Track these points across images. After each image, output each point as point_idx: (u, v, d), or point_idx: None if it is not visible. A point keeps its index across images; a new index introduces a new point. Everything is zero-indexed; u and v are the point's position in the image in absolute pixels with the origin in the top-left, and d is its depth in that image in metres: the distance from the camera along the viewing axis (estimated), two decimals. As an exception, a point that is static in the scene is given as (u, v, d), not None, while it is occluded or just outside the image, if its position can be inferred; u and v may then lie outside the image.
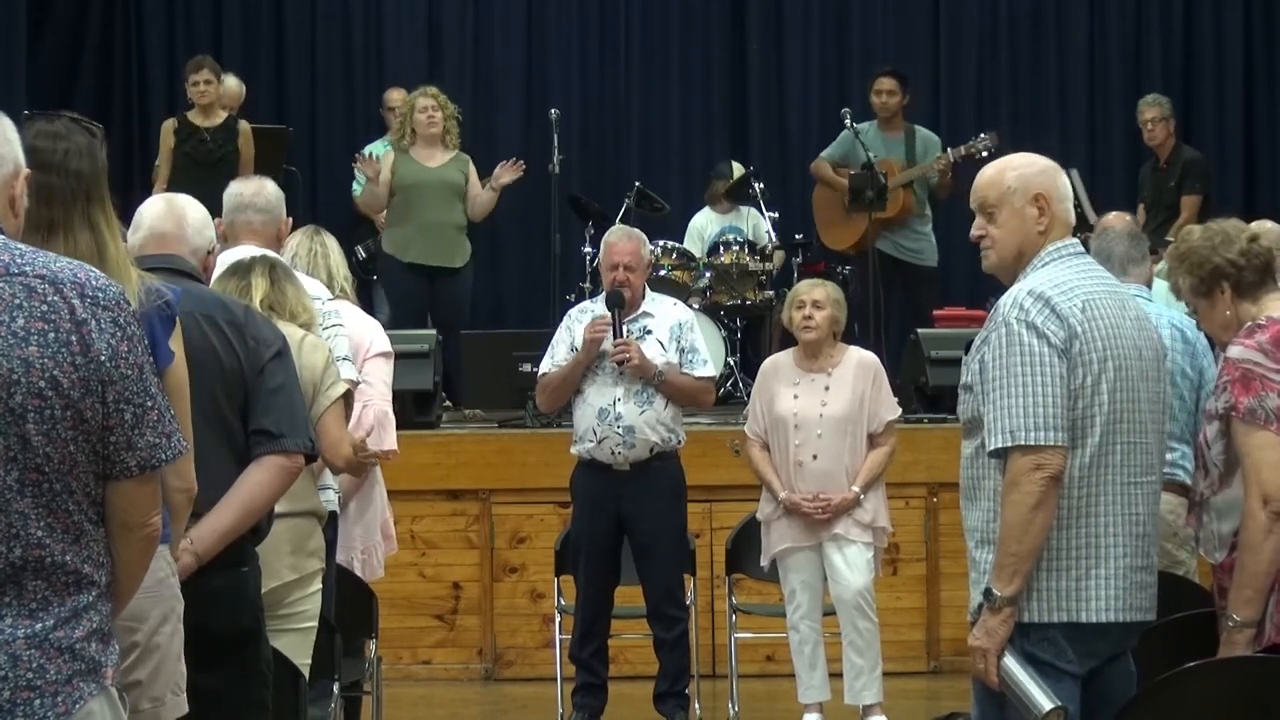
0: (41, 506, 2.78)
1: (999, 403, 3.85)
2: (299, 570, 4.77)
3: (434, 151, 9.70)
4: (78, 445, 2.80)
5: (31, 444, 2.76)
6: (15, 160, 2.95)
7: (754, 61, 12.41)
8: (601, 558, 7.01)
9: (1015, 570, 3.83)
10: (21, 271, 2.80)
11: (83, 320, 2.79)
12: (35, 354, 2.76)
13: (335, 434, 4.91)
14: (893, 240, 10.25)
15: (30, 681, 2.76)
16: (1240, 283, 4.50)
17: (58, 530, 2.80)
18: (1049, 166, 4.09)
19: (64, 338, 2.77)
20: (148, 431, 2.85)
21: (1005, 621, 3.85)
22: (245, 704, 4.08)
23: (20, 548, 2.77)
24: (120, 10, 12.11)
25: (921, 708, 7.70)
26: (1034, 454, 3.81)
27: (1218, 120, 12.28)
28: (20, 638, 2.76)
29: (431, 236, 9.69)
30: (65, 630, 2.79)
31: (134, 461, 2.85)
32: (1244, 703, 4.08)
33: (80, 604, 2.81)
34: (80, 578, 2.82)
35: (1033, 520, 3.81)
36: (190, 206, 4.36)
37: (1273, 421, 4.22)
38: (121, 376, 2.82)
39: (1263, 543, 4.18)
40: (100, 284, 2.84)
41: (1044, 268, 3.98)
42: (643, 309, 7.08)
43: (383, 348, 5.98)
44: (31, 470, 2.77)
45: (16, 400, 2.75)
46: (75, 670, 2.79)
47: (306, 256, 5.91)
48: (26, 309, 2.77)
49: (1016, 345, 3.85)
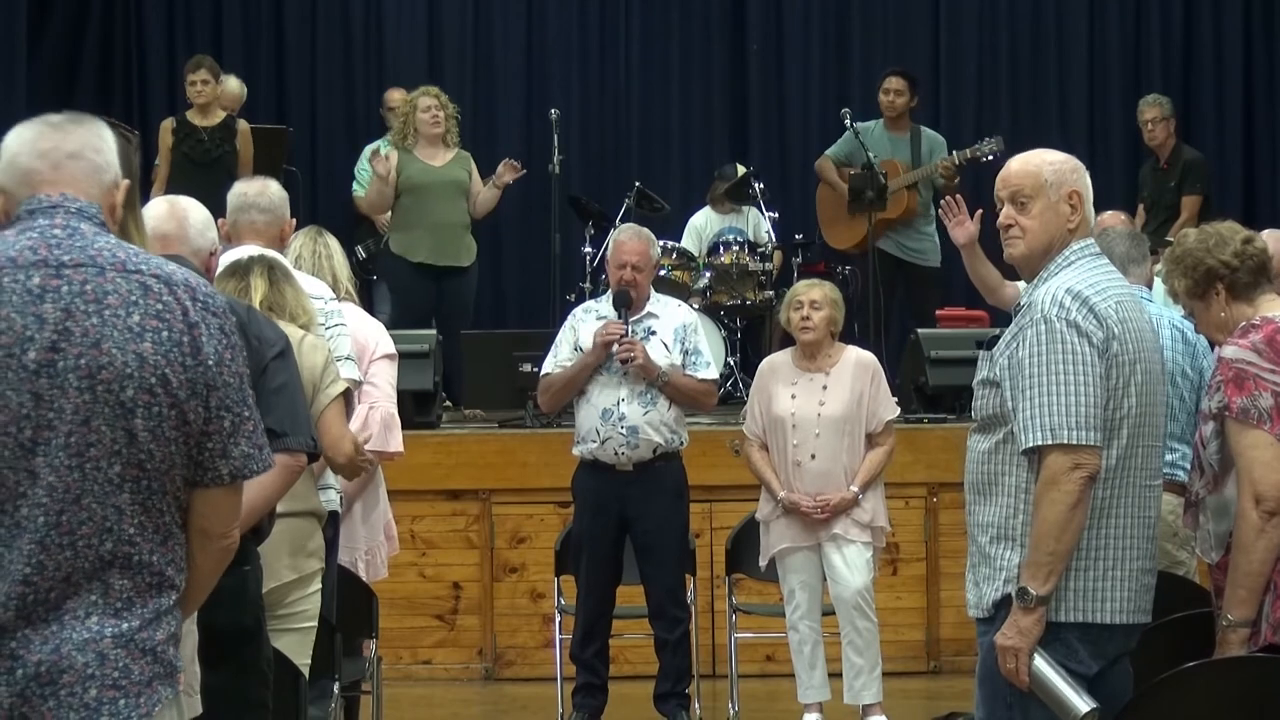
0: (138, 504, 2.83)
1: (1037, 399, 3.84)
2: (299, 570, 4.78)
3: (437, 151, 9.71)
4: (178, 447, 2.85)
5: (138, 439, 2.81)
6: (117, 170, 3.03)
7: (754, 61, 12.41)
8: (603, 558, 7.01)
9: (1051, 569, 3.83)
10: (137, 269, 2.86)
11: (195, 323, 2.86)
12: (149, 350, 2.82)
13: (336, 431, 4.91)
14: (896, 240, 10.26)
15: (116, 681, 2.79)
16: (1235, 284, 4.51)
17: (149, 529, 2.84)
18: (1080, 165, 4.12)
19: (176, 337, 2.84)
20: (243, 441, 2.91)
21: (1039, 621, 3.85)
22: (245, 703, 4.09)
23: (112, 541, 2.81)
24: (120, 10, 12.11)
25: (921, 708, 7.70)
26: (1073, 453, 3.81)
27: (1218, 120, 12.28)
28: (108, 636, 2.79)
29: (440, 236, 9.70)
30: (149, 632, 2.83)
31: (227, 470, 2.90)
32: (1241, 703, 4.09)
33: (162, 606, 2.85)
34: (164, 580, 2.86)
35: (1071, 519, 3.81)
36: (192, 208, 4.37)
37: (1266, 421, 4.23)
38: (224, 384, 2.88)
39: (1255, 542, 4.19)
40: (209, 290, 2.92)
41: (1070, 267, 3.99)
42: (647, 310, 7.08)
43: (387, 350, 6.00)
44: (133, 466, 2.82)
45: (128, 394, 2.80)
46: (156, 673, 2.84)
47: (311, 258, 5.92)
48: (142, 306, 2.83)
49: (1058, 343, 3.85)
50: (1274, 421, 4.23)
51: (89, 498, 2.80)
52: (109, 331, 2.81)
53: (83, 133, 3.01)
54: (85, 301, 2.82)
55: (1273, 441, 4.22)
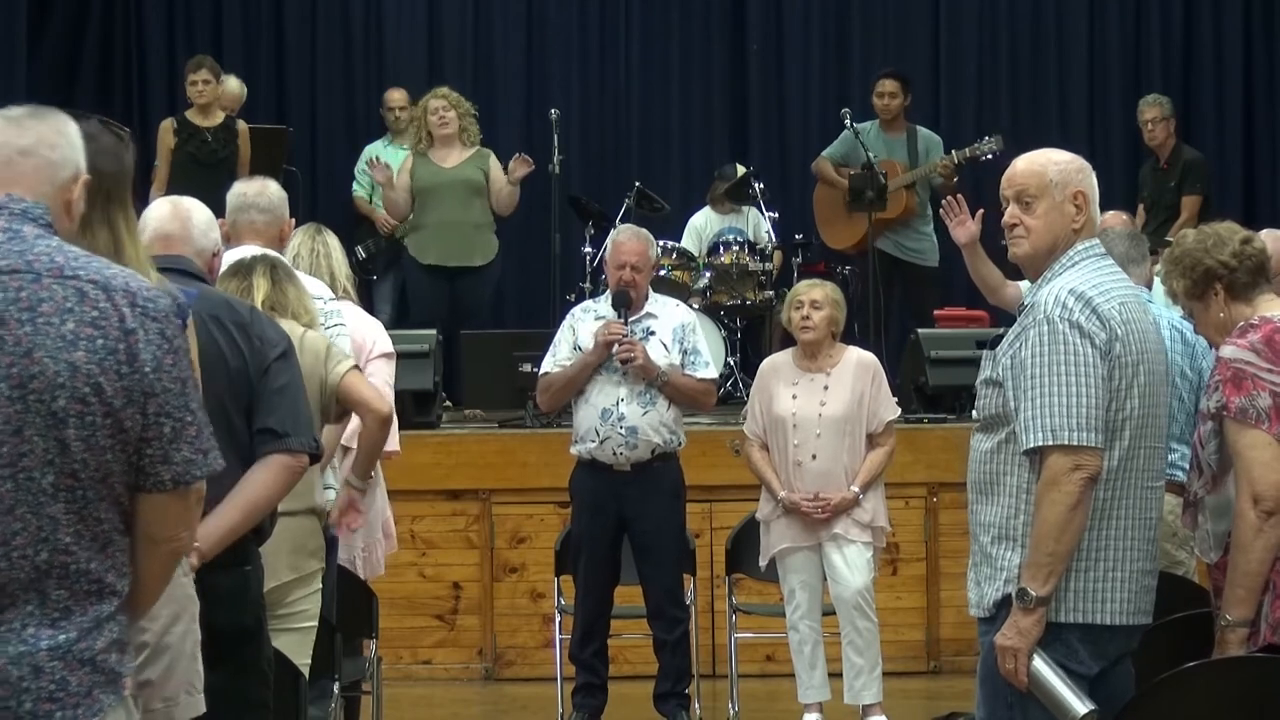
0: (73, 513, 2.79)
1: (1038, 400, 3.84)
2: (299, 570, 4.78)
3: (450, 151, 9.72)
4: (114, 454, 2.81)
5: (70, 449, 2.77)
6: (76, 165, 2.99)
7: (754, 61, 12.41)
8: (602, 558, 7.02)
9: (1051, 570, 3.83)
10: (74, 275, 2.82)
11: (131, 329, 2.80)
12: (82, 359, 2.77)
13: (367, 390, 5.04)
14: (894, 240, 10.26)
15: (51, 693, 2.76)
16: (1233, 284, 4.51)
17: (86, 537, 2.81)
18: (1086, 166, 4.11)
19: (112, 344, 2.79)
20: (185, 447, 2.86)
21: (1039, 622, 3.85)
22: (245, 703, 4.09)
23: (47, 551, 2.78)
24: (120, 10, 12.11)
25: (921, 708, 7.70)
26: (1074, 454, 3.81)
27: (1218, 120, 12.28)
28: (43, 649, 2.76)
29: (449, 236, 9.71)
30: (87, 642, 2.80)
31: (168, 475, 2.86)
32: (1241, 703, 4.09)
33: (102, 614, 2.82)
34: (103, 586, 2.83)
35: (1071, 520, 3.81)
36: (196, 208, 4.38)
37: (1264, 421, 4.23)
38: (164, 389, 2.83)
39: (1253, 542, 4.19)
40: (150, 294, 2.86)
41: (1074, 267, 3.99)
42: (646, 310, 7.08)
43: (385, 349, 6.00)
44: (67, 475, 2.78)
45: (59, 404, 2.76)
46: (95, 682, 2.80)
47: (309, 256, 5.93)
48: (77, 313, 2.78)
49: (1060, 344, 3.85)
50: (1272, 421, 4.23)
51: (23, 508, 2.76)
52: (41, 340, 2.76)
53: (41, 128, 2.96)
54: (19, 309, 2.77)
55: (1271, 441, 4.22)
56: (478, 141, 9.82)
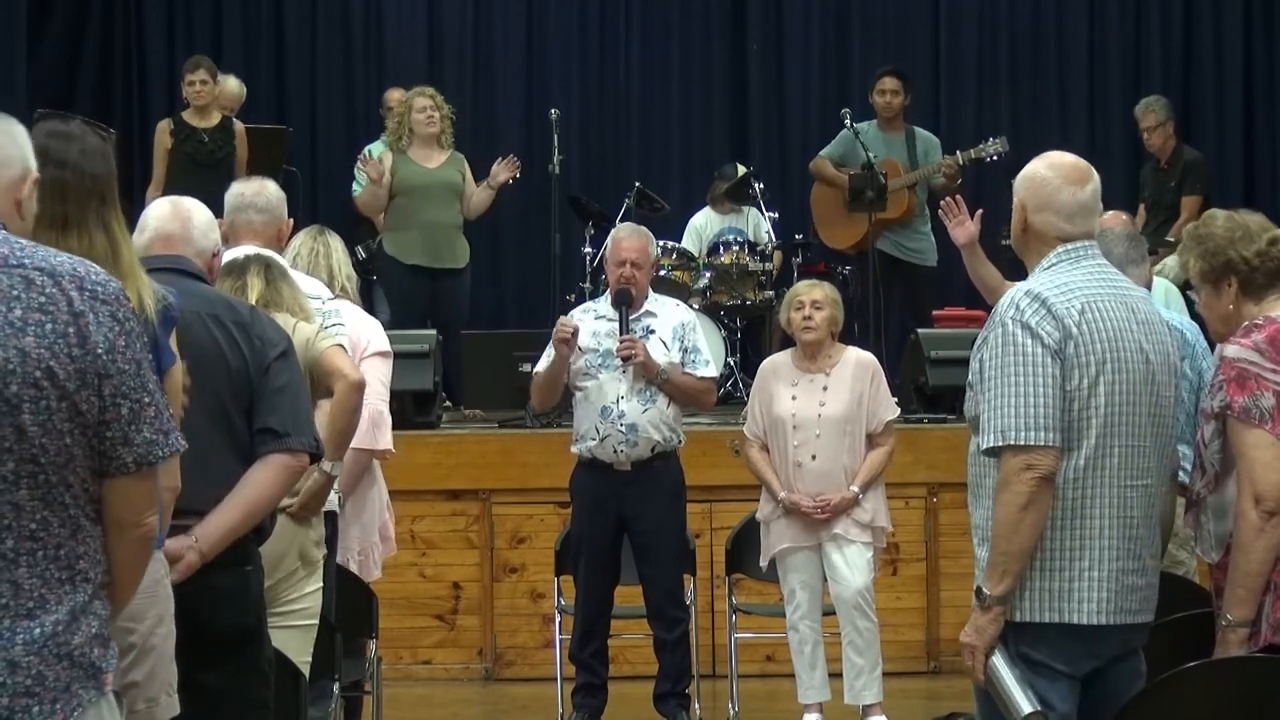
0: (38, 499, 2.78)
1: (992, 402, 3.88)
2: (299, 565, 4.78)
3: (431, 152, 9.70)
4: (74, 439, 2.80)
5: (27, 434, 2.76)
6: (24, 163, 2.97)
7: (754, 61, 12.42)
8: (601, 558, 7.01)
9: (1005, 569, 3.85)
10: (20, 264, 2.81)
11: (80, 312, 2.80)
12: (32, 344, 2.76)
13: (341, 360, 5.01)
14: (894, 240, 10.25)
15: (29, 689, 2.74)
16: (1249, 282, 4.49)
17: (54, 523, 2.80)
18: (1043, 175, 4.06)
19: (61, 329, 2.78)
20: (144, 428, 2.85)
21: (995, 620, 3.88)
22: (245, 703, 4.09)
23: (13, 539, 2.77)
24: (120, 10, 12.12)
25: (921, 708, 7.70)
26: (1025, 454, 3.83)
27: (1218, 120, 12.29)
28: (19, 644, 2.75)
29: (434, 238, 9.69)
30: (65, 635, 2.78)
31: (131, 457, 2.85)
32: (1241, 703, 4.09)
33: (77, 604, 2.80)
34: (75, 573, 2.81)
35: (1022, 520, 3.83)
36: (196, 209, 4.38)
37: (1267, 420, 4.23)
38: (119, 371, 2.82)
39: (1254, 542, 4.18)
40: (99, 279, 2.85)
41: (1050, 269, 4.00)
42: (646, 309, 7.08)
43: (380, 347, 5.98)
44: (27, 461, 2.77)
45: (12, 390, 2.75)
46: (74, 677, 2.78)
47: (308, 256, 5.93)
48: (24, 300, 2.78)
49: (1011, 345, 3.88)
50: (1275, 421, 4.23)
51: None
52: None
53: None
54: None
55: (1273, 441, 4.22)
56: (452, 145, 9.81)
